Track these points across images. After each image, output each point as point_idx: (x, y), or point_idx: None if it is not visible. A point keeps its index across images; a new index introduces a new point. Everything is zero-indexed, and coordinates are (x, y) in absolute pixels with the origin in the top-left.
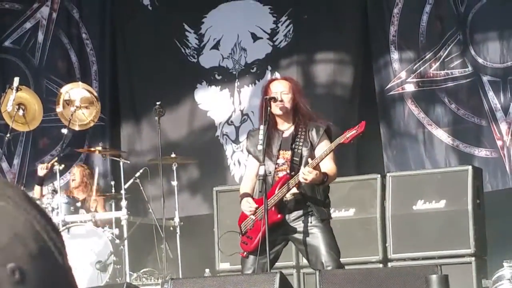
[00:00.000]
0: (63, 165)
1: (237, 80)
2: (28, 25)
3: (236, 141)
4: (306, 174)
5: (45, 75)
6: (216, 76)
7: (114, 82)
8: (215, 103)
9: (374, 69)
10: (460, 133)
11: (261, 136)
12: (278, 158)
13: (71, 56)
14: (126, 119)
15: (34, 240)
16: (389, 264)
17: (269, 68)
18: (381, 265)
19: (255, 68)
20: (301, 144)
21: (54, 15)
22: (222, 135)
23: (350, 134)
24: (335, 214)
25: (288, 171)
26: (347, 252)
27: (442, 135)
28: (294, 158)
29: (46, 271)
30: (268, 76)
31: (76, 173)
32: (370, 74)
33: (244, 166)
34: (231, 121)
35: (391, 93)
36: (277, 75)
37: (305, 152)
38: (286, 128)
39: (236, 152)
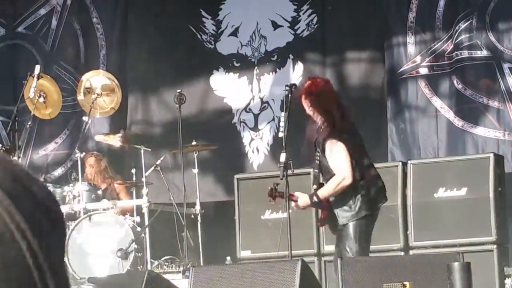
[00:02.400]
0: (83, 153)
1: (256, 67)
2: (42, 11)
3: (255, 128)
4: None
5: (56, 61)
6: (235, 63)
7: (122, 66)
8: (232, 90)
9: (386, 53)
10: (473, 116)
11: (282, 123)
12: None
13: (79, 42)
14: (133, 94)
15: None
16: (411, 252)
17: (291, 56)
18: (402, 253)
19: (275, 56)
20: (318, 153)
21: (69, 1)
22: (240, 122)
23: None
24: None
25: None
26: None
27: (454, 118)
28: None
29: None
30: (290, 64)
31: (90, 162)
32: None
33: (263, 154)
34: (249, 109)
35: (404, 76)
36: (299, 64)
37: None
38: None
39: (255, 139)
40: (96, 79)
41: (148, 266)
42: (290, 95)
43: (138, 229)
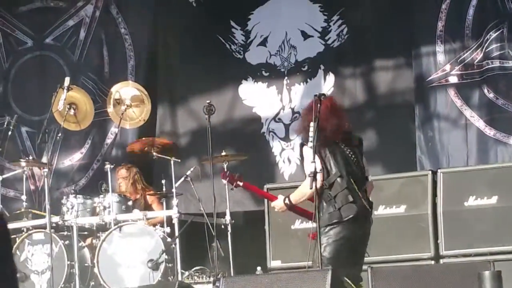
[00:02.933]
0: (113, 165)
1: (286, 77)
2: (71, 22)
3: (286, 138)
4: None
5: (83, 72)
6: (263, 72)
7: (151, 77)
8: (261, 99)
9: (415, 61)
10: (505, 126)
11: (311, 133)
12: None
13: (103, 50)
14: (162, 105)
15: None
16: (441, 261)
17: (322, 67)
18: (432, 262)
19: (306, 67)
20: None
21: (98, 13)
22: (269, 132)
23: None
24: (386, 211)
25: None
26: (399, 249)
27: (484, 127)
28: None
29: None
30: (321, 75)
31: (122, 174)
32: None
33: (294, 164)
34: (279, 118)
35: (433, 84)
36: (330, 75)
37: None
38: None
39: (286, 149)
40: (126, 90)
41: (179, 277)
42: (319, 104)
43: (169, 239)
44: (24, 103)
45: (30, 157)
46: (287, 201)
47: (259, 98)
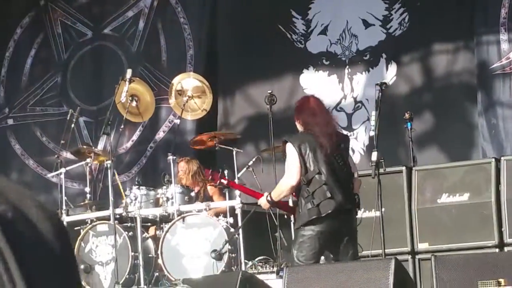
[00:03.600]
0: (176, 156)
1: (347, 66)
2: (130, 13)
3: (349, 128)
4: None
5: (141, 63)
6: (324, 61)
7: (210, 67)
8: (322, 88)
9: (477, 48)
10: None
11: (373, 122)
12: None
13: (160, 39)
14: (222, 94)
15: None
16: (505, 249)
17: (384, 56)
18: (497, 250)
19: (368, 55)
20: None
21: (155, 3)
22: None
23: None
24: (449, 199)
25: None
26: (462, 237)
27: None
28: None
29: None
30: (383, 64)
31: (181, 167)
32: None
33: (358, 154)
34: (341, 107)
35: (496, 72)
36: (392, 64)
37: None
38: None
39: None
40: (187, 81)
41: (242, 267)
42: (380, 94)
43: (232, 230)
44: (82, 93)
45: (93, 148)
46: (269, 198)
47: (320, 87)
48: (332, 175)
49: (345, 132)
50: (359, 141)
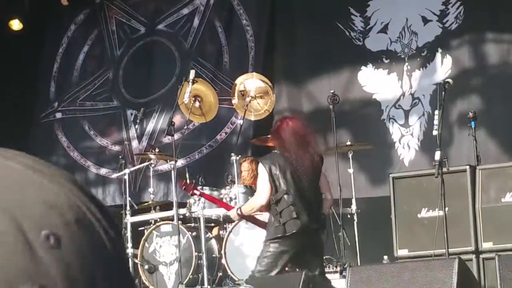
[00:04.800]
0: (239, 156)
1: (406, 64)
2: (185, 10)
3: (405, 124)
4: None
5: (193, 57)
6: (384, 59)
7: (267, 66)
8: (381, 85)
9: None
10: None
11: (436, 121)
12: None
13: (221, 39)
14: (280, 92)
15: (70, 210)
16: None
17: (439, 50)
18: None
19: (425, 51)
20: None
21: (212, 1)
22: (389, 118)
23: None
24: (507, 199)
25: None
26: None
27: None
28: None
29: (84, 240)
30: (438, 58)
31: (244, 167)
32: None
33: (414, 150)
34: (399, 105)
35: None
36: (447, 57)
37: None
38: None
39: (406, 136)
40: (250, 82)
41: None
42: (444, 92)
43: None
44: (133, 87)
45: (157, 150)
46: (239, 211)
47: (379, 84)
48: (299, 196)
49: (320, 154)
50: (414, 136)
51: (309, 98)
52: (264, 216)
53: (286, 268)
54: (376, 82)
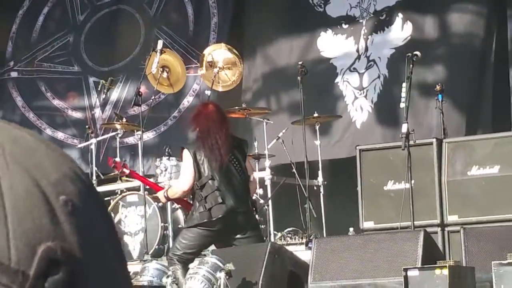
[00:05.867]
0: None
1: (364, 28)
2: None
3: (359, 87)
4: None
5: (157, 25)
6: (343, 25)
7: (233, 34)
8: (339, 51)
9: (510, 22)
10: None
11: (403, 94)
12: None
13: (187, 9)
14: (248, 65)
15: (80, 183)
16: None
17: (400, 15)
18: None
19: (384, 15)
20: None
21: None
22: (343, 81)
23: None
24: (479, 171)
25: None
26: (492, 209)
27: None
28: None
29: (93, 211)
30: (399, 23)
31: None
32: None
33: (367, 112)
34: (354, 68)
35: None
36: (408, 24)
37: None
38: None
39: (359, 98)
40: (218, 52)
41: (271, 238)
42: (411, 65)
43: (261, 201)
44: (96, 54)
45: (124, 120)
46: (165, 194)
47: (337, 49)
48: (225, 181)
49: (243, 138)
50: (368, 99)
51: (268, 62)
52: None
53: (203, 252)
54: (334, 48)
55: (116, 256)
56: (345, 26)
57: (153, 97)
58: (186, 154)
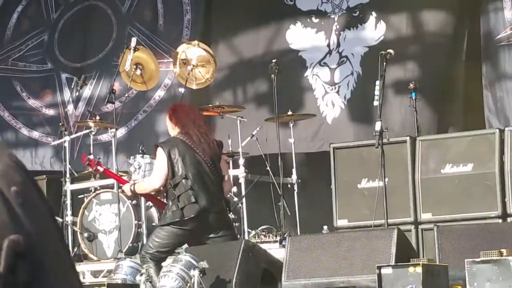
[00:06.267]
0: None
1: (336, 23)
2: None
3: (331, 82)
4: None
5: (130, 22)
6: (313, 19)
7: (206, 30)
8: (307, 44)
9: (482, 17)
10: None
11: (377, 92)
12: None
13: (158, 5)
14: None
15: (21, 170)
16: (508, 219)
17: (374, 14)
18: (500, 220)
19: (357, 12)
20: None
21: None
22: (312, 75)
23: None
24: (453, 169)
25: None
26: (466, 208)
27: None
28: None
29: (34, 196)
30: (372, 22)
31: None
32: (476, 25)
33: (339, 108)
34: (325, 62)
35: (502, 43)
36: (382, 23)
37: None
38: None
39: (330, 93)
40: (192, 50)
41: (245, 236)
42: (385, 63)
43: (235, 199)
44: (68, 51)
45: (98, 117)
46: (132, 188)
47: (306, 42)
48: (199, 180)
49: (217, 138)
50: (340, 95)
51: (235, 53)
52: None
53: (177, 250)
54: (304, 40)
55: (58, 236)
56: (315, 20)
57: (126, 95)
58: (160, 152)
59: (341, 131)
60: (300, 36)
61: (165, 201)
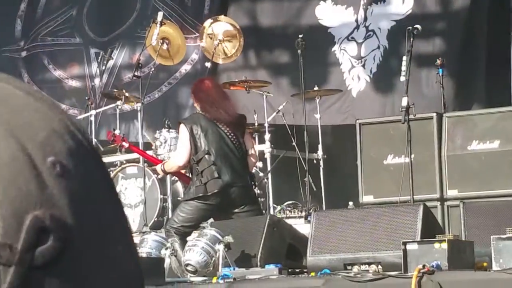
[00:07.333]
0: None
1: None
2: None
3: (357, 56)
4: None
5: None
6: None
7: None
8: (336, 20)
9: None
10: None
11: (404, 67)
12: None
13: None
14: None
15: (71, 137)
16: None
17: None
18: None
19: None
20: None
21: None
22: (340, 50)
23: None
24: (479, 146)
25: None
26: (492, 184)
27: None
28: None
29: (85, 168)
30: None
31: None
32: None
33: (364, 81)
34: (352, 37)
35: None
36: None
37: None
38: None
39: (356, 67)
40: (218, 25)
41: (271, 211)
42: (412, 38)
43: (261, 174)
44: (97, 25)
45: (126, 93)
46: (162, 167)
47: (335, 18)
48: (222, 155)
49: (242, 112)
50: (366, 68)
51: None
52: None
53: (202, 224)
54: (333, 17)
55: (115, 213)
56: None
57: (152, 70)
58: (183, 129)
59: (366, 104)
60: (330, 13)
61: (190, 175)
